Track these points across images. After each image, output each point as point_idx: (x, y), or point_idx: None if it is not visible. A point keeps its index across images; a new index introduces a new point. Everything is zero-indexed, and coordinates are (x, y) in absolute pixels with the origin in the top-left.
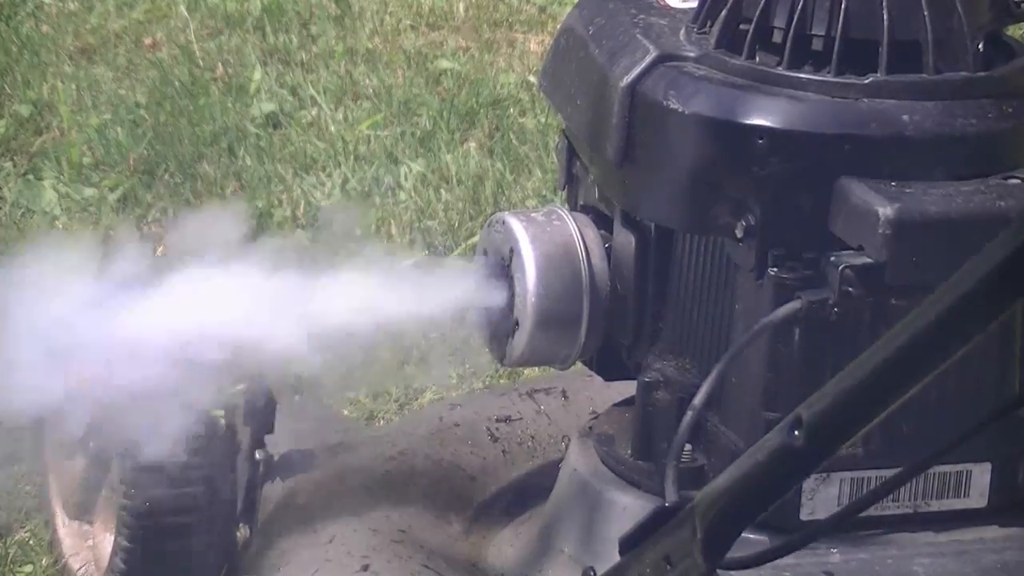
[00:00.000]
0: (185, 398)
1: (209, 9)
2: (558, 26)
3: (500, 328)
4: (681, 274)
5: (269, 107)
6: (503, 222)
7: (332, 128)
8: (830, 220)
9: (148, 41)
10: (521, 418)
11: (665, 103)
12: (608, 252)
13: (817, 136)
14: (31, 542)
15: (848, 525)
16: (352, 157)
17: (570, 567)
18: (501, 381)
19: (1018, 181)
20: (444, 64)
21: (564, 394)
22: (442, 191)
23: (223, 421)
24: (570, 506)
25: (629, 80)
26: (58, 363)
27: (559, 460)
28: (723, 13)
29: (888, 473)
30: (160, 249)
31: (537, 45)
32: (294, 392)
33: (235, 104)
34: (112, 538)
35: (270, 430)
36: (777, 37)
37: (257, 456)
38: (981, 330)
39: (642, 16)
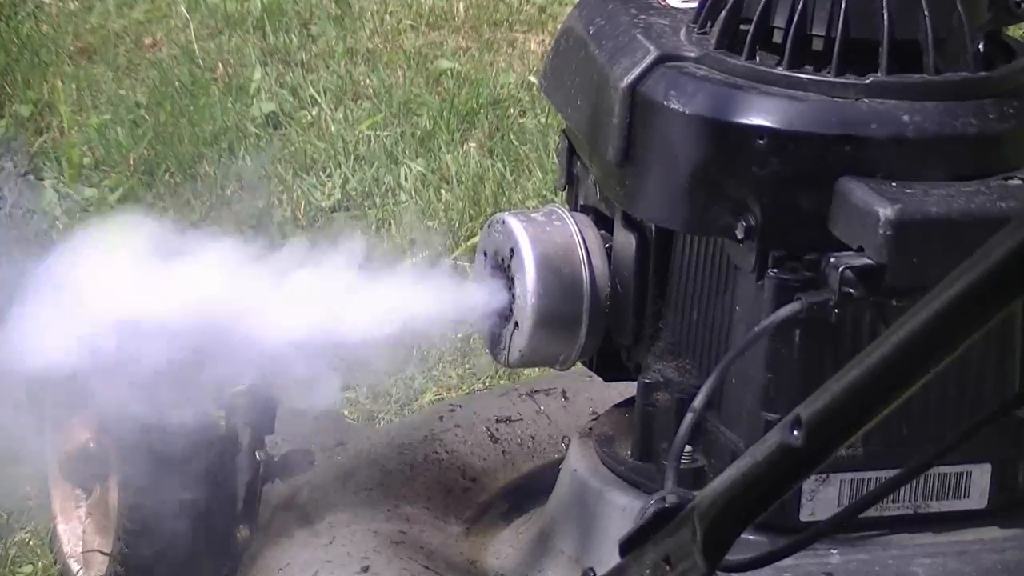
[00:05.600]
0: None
1: (209, 9)
2: (558, 26)
3: (500, 328)
4: (681, 275)
5: (269, 107)
6: (503, 222)
7: (332, 128)
8: (830, 221)
9: (148, 41)
10: (521, 419)
11: (665, 103)
12: (608, 252)
13: (817, 136)
14: (31, 542)
15: (848, 526)
16: (352, 157)
17: (570, 567)
18: (501, 382)
19: (1019, 182)
20: (444, 64)
21: (564, 395)
22: (442, 191)
23: (223, 422)
24: (570, 507)
25: (630, 80)
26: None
27: (559, 461)
28: (723, 13)
29: (888, 474)
30: None
31: (537, 45)
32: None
33: (235, 104)
34: (102, 540)
35: (270, 430)
36: (777, 37)
37: (257, 457)
38: (980, 328)
39: (642, 16)
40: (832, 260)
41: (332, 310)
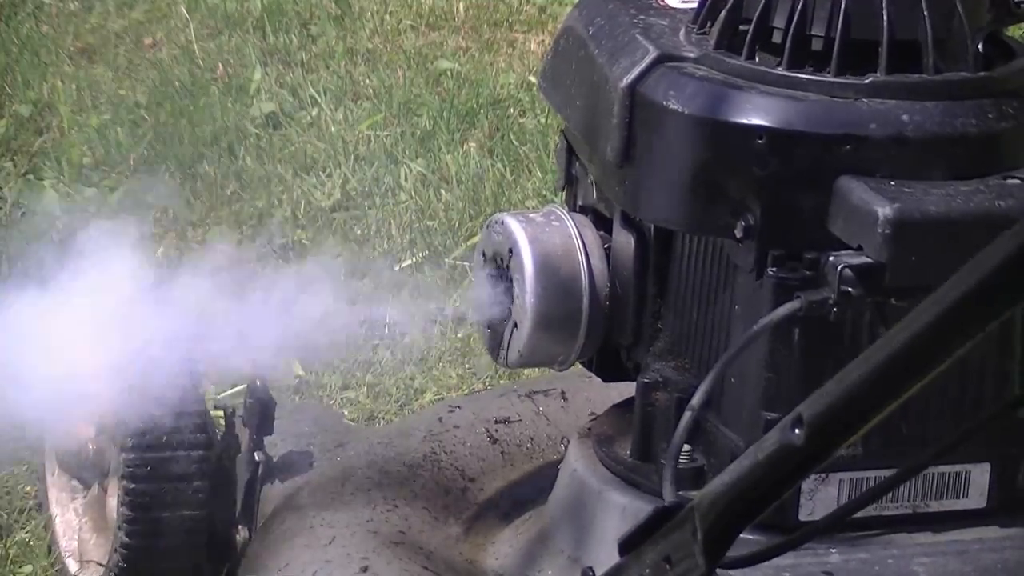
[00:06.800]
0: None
1: (209, 9)
2: (558, 26)
3: (499, 329)
4: (680, 275)
5: (269, 107)
6: (502, 223)
7: (332, 128)
8: (830, 220)
9: (148, 41)
10: (520, 419)
11: (665, 103)
12: (607, 253)
13: (817, 136)
14: (31, 542)
15: (848, 525)
16: (352, 157)
17: (569, 567)
18: (500, 382)
19: (1018, 181)
20: (444, 64)
21: (563, 395)
22: (442, 191)
23: (223, 422)
24: (569, 507)
25: (629, 80)
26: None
27: (558, 461)
28: (723, 13)
29: (888, 474)
30: (160, 249)
31: (537, 45)
32: (294, 393)
33: (235, 104)
34: (98, 539)
35: (269, 431)
36: (777, 37)
37: (256, 457)
38: (982, 330)
39: (642, 16)
40: (831, 259)
41: None
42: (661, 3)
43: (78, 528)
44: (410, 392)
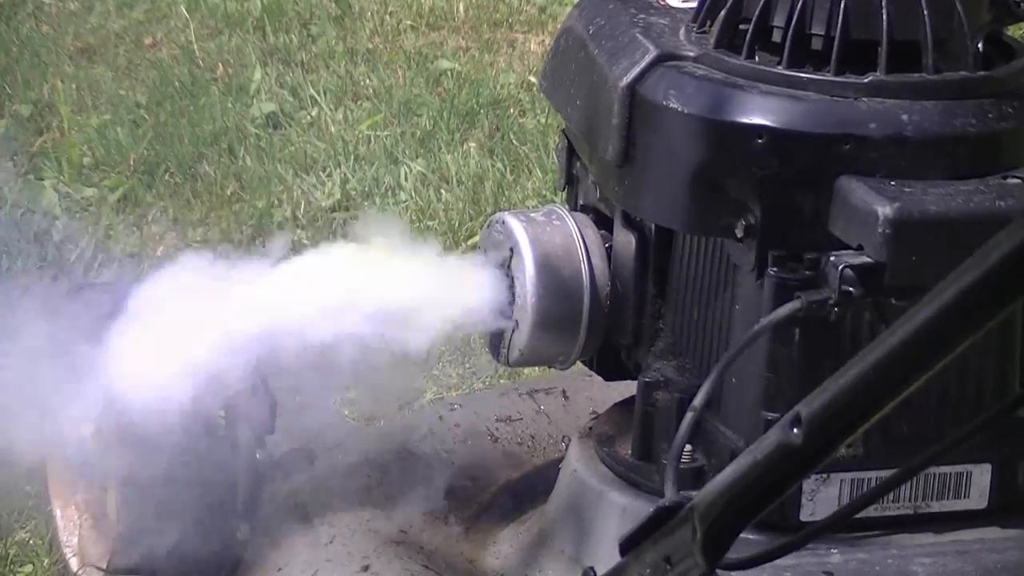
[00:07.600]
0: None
1: (209, 9)
2: (558, 26)
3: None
4: (681, 274)
5: (269, 107)
6: (503, 222)
7: (332, 128)
8: (830, 220)
9: (148, 41)
10: (521, 418)
11: (665, 103)
12: (608, 252)
13: (817, 136)
14: (31, 542)
15: (849, 525)
16: (352, 157)
17: (570, 567)
18: (501, 381)
19: (1018, 181)
20: (444, 64)
21: (564, 394)
22: (442, 191)
23: (223, 422)
24: (570, 506)
25: (629, 80)
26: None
27: (559, 460)
28: (723, 13)
29: (888, 474)
30: (160, 249)
31: (537, 45)
32: (294, 392)
33: (235, 104)
34: (98, 537)
35: (270, 430)
36: (776, 37)
37: (257, 456)
38: (981, 327)
39: (642, 16)
40: (832, 259)
41: None
42: (661, 3)
43: (79, 523)
44: (410, 392)
